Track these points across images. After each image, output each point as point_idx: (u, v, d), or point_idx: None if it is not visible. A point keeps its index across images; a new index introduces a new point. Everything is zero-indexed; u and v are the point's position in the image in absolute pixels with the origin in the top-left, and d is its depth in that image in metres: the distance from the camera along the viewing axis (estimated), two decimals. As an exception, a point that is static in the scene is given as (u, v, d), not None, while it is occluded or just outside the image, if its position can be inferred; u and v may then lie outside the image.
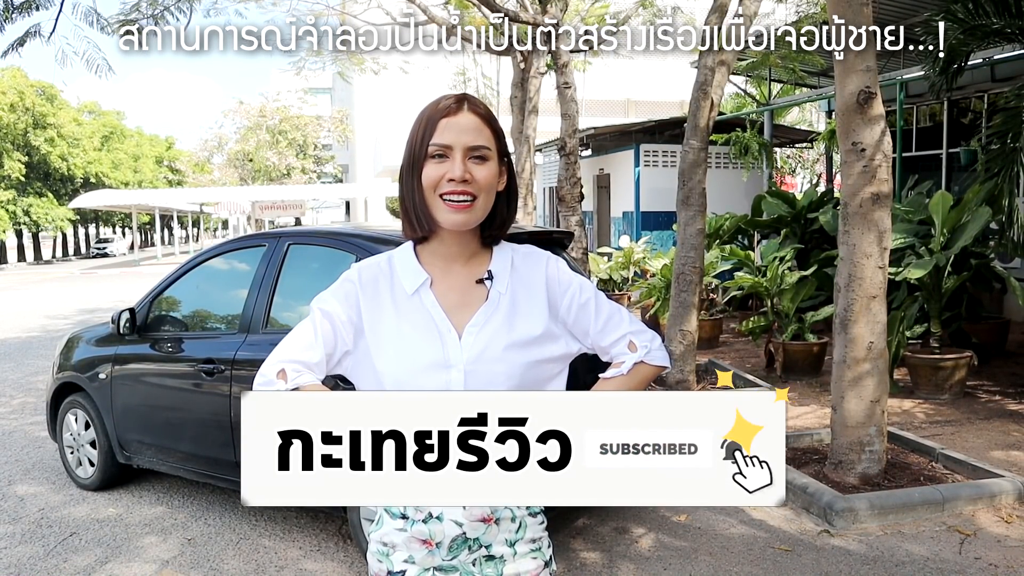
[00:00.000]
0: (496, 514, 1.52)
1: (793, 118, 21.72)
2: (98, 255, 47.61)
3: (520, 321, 1.54)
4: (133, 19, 9.59)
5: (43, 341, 11.67)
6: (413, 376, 1.47)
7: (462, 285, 1.55)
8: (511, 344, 1.52)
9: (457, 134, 1.47)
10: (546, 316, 1.57)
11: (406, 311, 1.51)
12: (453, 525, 1.50)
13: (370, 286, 1.53)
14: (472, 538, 1.51)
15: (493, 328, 1.52)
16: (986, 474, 4.50)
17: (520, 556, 1.55)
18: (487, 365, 1.49)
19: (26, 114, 37.74)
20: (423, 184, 1.48)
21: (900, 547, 3.83)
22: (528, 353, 1.53)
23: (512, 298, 1.55)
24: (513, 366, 1.51)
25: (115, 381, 4.74)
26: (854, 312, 4.49)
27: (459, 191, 1.46)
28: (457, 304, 1.53)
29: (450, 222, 1.48)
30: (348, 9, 14.03)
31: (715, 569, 3.66)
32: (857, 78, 4.36)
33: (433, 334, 1.49)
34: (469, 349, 1.49)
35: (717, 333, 9.42)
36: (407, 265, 1.55)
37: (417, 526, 1.51)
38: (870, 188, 4.39)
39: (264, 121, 42.43)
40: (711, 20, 6.68)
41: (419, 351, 1.49)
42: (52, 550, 4.13)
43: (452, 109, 1.49)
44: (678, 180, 6.87)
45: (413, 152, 1.50)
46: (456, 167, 1.46)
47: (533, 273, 1.59)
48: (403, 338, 1.49)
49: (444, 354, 1.48)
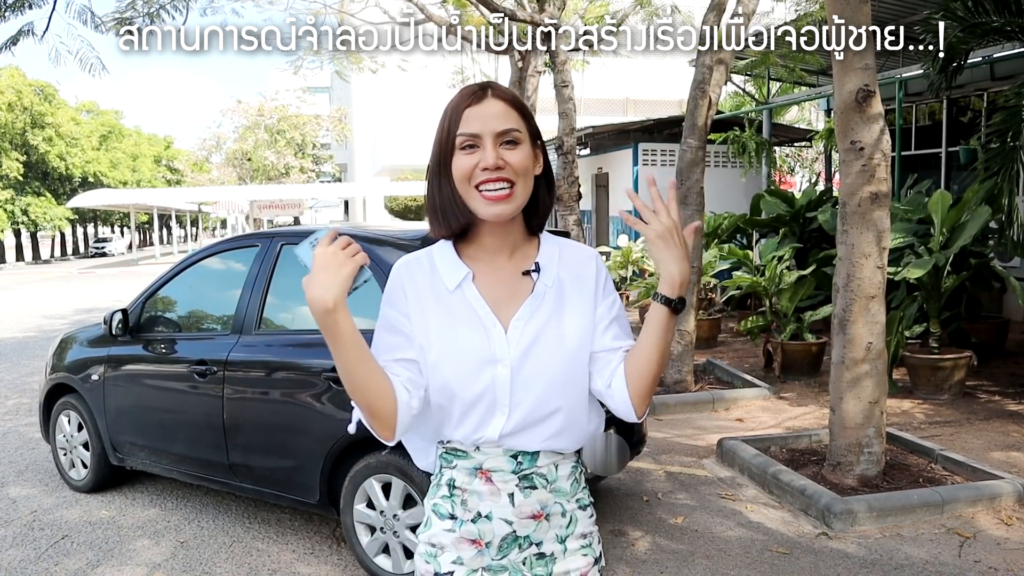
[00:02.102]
0: (546, 510, 1.49)
1: (792, 117, 21.68)
2: (96, 254, 47.56)
3: (567, 315, 1.50)
4: (128, 17, 9.54)
5: (39, 341, 11.63)
6: (463, 371, 1.44)
7: (508, 278, 1.50)
8: (558, 338, 1.48)
9: (484, 121, 1.42)
10: (592, 313, 1.52)
11: (449, 307, 1.48)
12: (503, 524, 1.47)
13: (411, 282, 1.50)
14: (522, 536, 1.48)
15: (539, 321, 1.48)
16: (986, 475, 4.46)
17: (570, 553, 1.53)
18: (534, 359, 1.46)
19: (24, 113, 37.70)
20: (454, 177, 1.44)
21: (899, 550, 3.79)
22: (574, 348, 1.49)
23: (559, 291, 1.51)
24: (559, 361, 1.47)
25: (108, 382, 4.70)
26: (853, 312, 4.46)
27: (495, 179, 1.42)
28: (504, 297, 1.49)
29: (490, 213, 1.43)
30: (346, 8, 13.99)
31: (712, 572, 3.62)
32: (856, 76, 4.32)
33: (478, 328, 1.46)
34: (516, 343, 1.45)
35: (715, 333, 9.39)
36: (447, 260, 1.51)
37: (466, 526, 1.48)
38: (869, 187, 4.36)
39: (262, 120, 42.36)
40: (709, 19, 6.64)
41: (464, 346, 1.45)
42: (43, 553, 4.09)
43: (476, 97, 1.44)
44: (676, 179, 6.83)
45: (440, 147, 1.46)
46: (488, 154, 1.42)
47: (582, 268, 1.54)
48: (447, 333, 1.46)
49: (490, 349, 1.45)
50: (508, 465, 1.47)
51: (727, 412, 6.42)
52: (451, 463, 1.50)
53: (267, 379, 3.94)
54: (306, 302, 1.40)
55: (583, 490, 1.57)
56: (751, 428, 5.93)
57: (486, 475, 1.47)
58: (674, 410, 6.35)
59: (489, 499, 1.47)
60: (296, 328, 4.00)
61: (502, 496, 1.47)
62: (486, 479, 1.47)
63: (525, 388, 1.45)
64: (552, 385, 1.47)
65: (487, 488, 1.47)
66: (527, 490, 1.47)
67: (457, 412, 1.46)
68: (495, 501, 1.47)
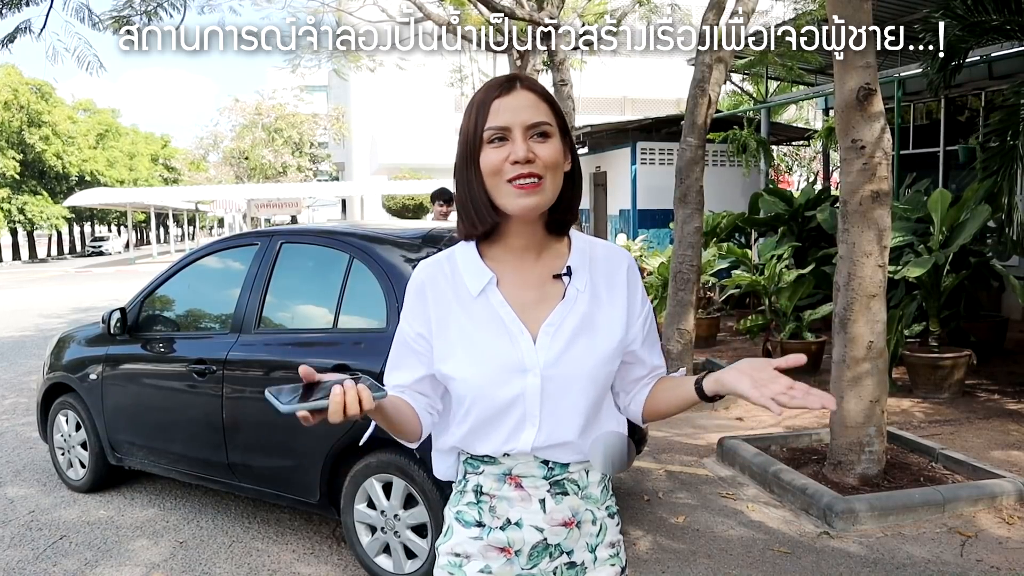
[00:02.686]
0: (578, 516, 1.45)
1: (789, 116, 21.68)
2: (93, 253, 47.52)
3: (600, 322, 1.44)
4: (126, 15, 9.51)
5: (36, 341, 11.59)
6: (488, 381, 1.38)
7: (537, 281, 1.43)
8: (590, 347, 1.42)
9: (513, 113, 1.36)
10: (625, 322, 1.47)
11: (473, 313, 1.41)
12: (533, 531, 1.42)
13: (432, 288, 1.44)
14: (553, 544, 1.44)
15: (571, 328, 1.41)
16: (986, 474, 4.46)
17: (600, 563, 1.49)
18: (565, 369, 1.39)
19: (21, 112, 37.66)
20: (483, 172, 1.37)
21: (901, 549, 3.79)
22: (606, 358, 1.43)
23: (592, 297, 1.44)
24: (592, 371, 1.41)
25: (106, 382, 4.68)
26: (854, 311, 4.45)
27: (526, 172, 1.35)
28: (531, 302, 1.42)
29: (520, 207, 1.36)
30: (345, 7, 13.96)
31: (714, 572, 3.61)
32: (857, 75, 4.31)
33: (503, 336, 1.39)
34: (546, 351, 1.39)
35: (714, 331, 9.38)
36: (470, 264, 1.43)
37: (494, 534, 1.43)
38: (870, 186, 4.35)
39: (260, 119, 42.28)
40: (708, 18, 6.63)
41: (492, 354, 1.38)
42: (41, 553, 4.07)
43: (504, 89, 1.39)
44: (676, 178, 6.83)
45: (467, 142, 1.39)
46: (518, 147, 1.35)
47: (615, 274, 1.49)
48: (472, 342, 1.40)
49: (519, 357, 1.38)
50: (539, 471, 1.42)
51: (727, 411, 6.41)
52: (478, 469, 1.45)
53: (267, 378, 3.92)
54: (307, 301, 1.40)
55: (611, 497, 1.54)
56: (751, 427, 5.92)
57: (516, 481, 1.42)
58: (674, 409, 6.33)
59: (520, 505, 1.42)
60: (296, 327, 3.98)
61: (533, 502, 1.42)
62: (516, 485, 1.42)
63: (555, 398, 1.39)
64: (584, 395, 1.41)
65: (517, 494, 1.42)
66: (559, 496, 1.43)
67: (484, 425, 1.41)
68: (526, 507, 1.42)
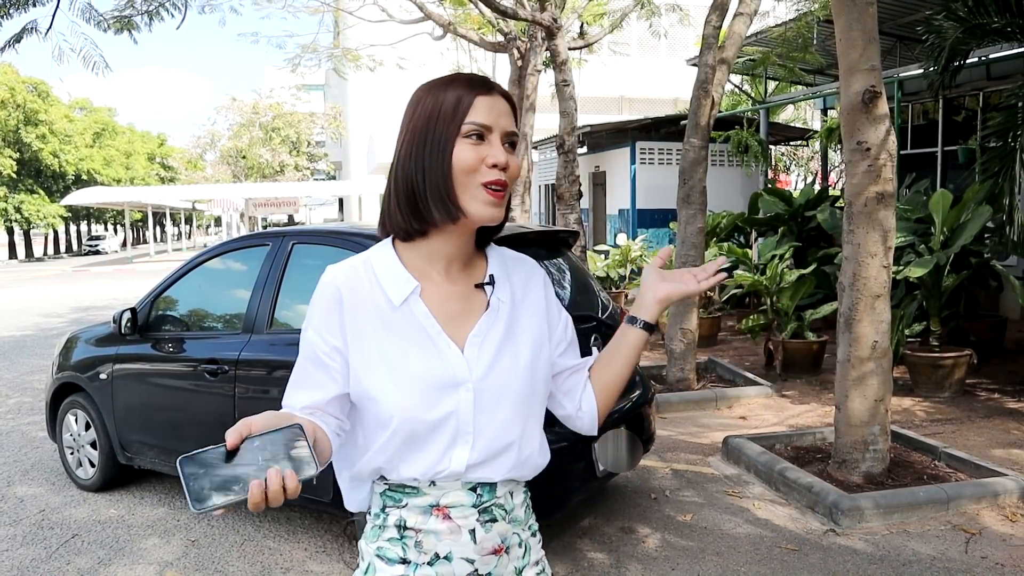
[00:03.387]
0: (506, 542, 1.39)
1: (787, 116, 21.73)
2: (90, 252, 47.45)
3: (523, 333, 1.39)
4: (128, 15, 9.52)
5: (37, 340, 11.60)
6: (418, 401, 1.28)
7: (461, 291, 1.36)
8: (516, 357, 1.36)
9: (497, 116, 1.30)
10: (546, 331, 1.44)
11: (395, 326, 1.31)
12: (464, 563, 1.34)
13: (350, 296, 1.32)
14: (484, 574, 1.36)
15: (496, 339, 1.35)
16: (989, 473, 4.50)
17: None
18: (495, 381, 1.33)
19: (17, 110, 37.57)
20: (454, 166, 1.27)
21: (906, 546, 3.83)
22: (531, 366, 1.38)
23: (512, 307, 1.40)
24: (521, 380, 1.36)
25: (116, 381, 4.71)
26: (858, 311, 4.49)
27: (501, 180, 1.29)
28: (455, 313, 1.35)
29: (489, 214, 1.29)
30: (344, 6, 13.97)
31: (723, 569, 3.65)
32: (862, 77, 4.36)
33: (430, 350, 1.30)
34: (476, 364, 1.32)
35: (715, 331, 9.43)
36: (390, 270, 1.34)
37: (422, 570, 1.33)
38: (875, 187, 4.39)
39: (257, 118, 42.25)
40: (712, 19, 6.67)
41: (420, 371, 1.29)
42: (54, 552, 4.10)
43: (486, 89, 1.31)
44: (679, 178, 6.87)
45: (437, 127, 1.28)
46: (498, 151, 1.28)
47: (530, 284, 1.46)
48: (397, 358, 1.29)
49: (450, 371, 1.30)
50: (468, 499, 1.34)
51: (730, 410, 6.46)
52: (400, 502, 1.34)
53: (280, 378, 3.95)
54: None
55: (532, 516, 1.49)
56: (754, 426, 5.97)
57: (444, 512, 1.33)
58: (678, 408, 6.39)
59: (448, 538, 1.33)
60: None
61: (463, 534, 1.33)
62: (444, 516, 1.33)
63: (488, 412, 1.32)
64: (515, 407, 1.35)
65: (446, 526, 1.33)
66: (488, 524, 1.36)
67: (412, 447, 1.30)
68: (455, 540, 1.33)
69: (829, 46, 11.92)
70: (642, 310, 1.46)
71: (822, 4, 10.13)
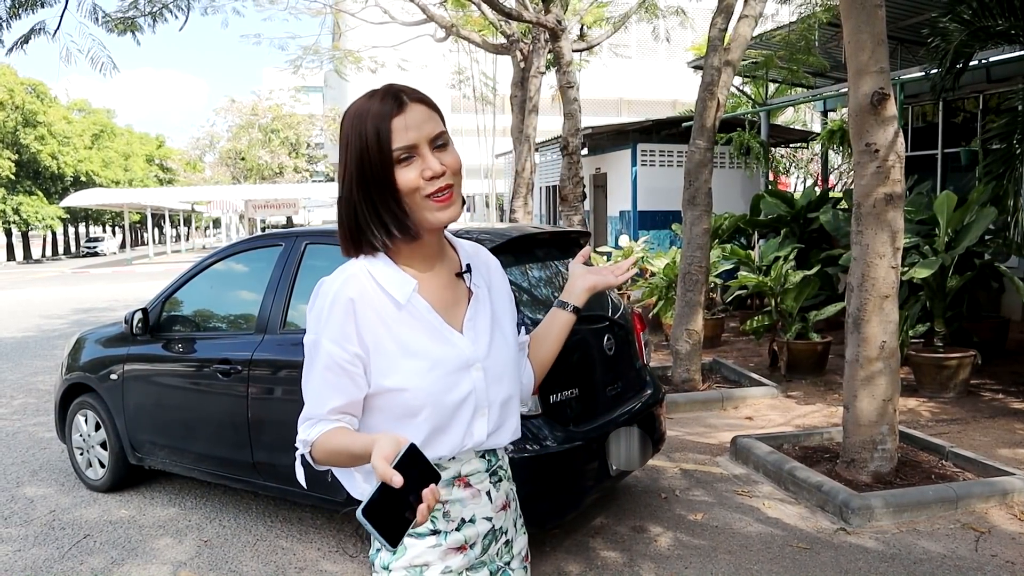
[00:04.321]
0: (510, 497, 1.58)
1: (786, 118, 21.78)
2: (88, 254, 47.39)
3: (502, 313, 1.58)
4: (131, 17, 9.53)
5: (39, 341, 11.61)
6: (441, 386, 1.41)
7: (447, 281, 1.51)
8: (503, 336, 1.55)
9: (417, 130, 1.38)
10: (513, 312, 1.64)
11: (403, 322, 1.42)
12: (485, 522, 1.50)
13: (363, 304, 1.40)
14: (498, 528, 1.54)
15: (486, 322, 1.52)
16: (996, 472, 4.53)
17: (519, 532, 1.62)
18: (496, 358, 1.50)
19: (16, 112, 37.52)
20: (401, 192, 1.38)
21: (916, 545, 3.86)
22: (514, 340, 1.59)
23: (487, 289, 1.57)
24: (511, 353, 1.55)
25: (127, 382, 4.72)
26: (867, 311, 4.52)
27: (443, 185, 1.40)
28: (449, 302, 1.49)
29: (443, 219, 1.41)
30: (346, 8, 13.99)
31: (736, 568, 3.67)
32: (871, 79, 4.38)
33: (440, 339, 1.44)
34: (478, 345, 1.48)
35: (719, 332, 9.46)
36: (389, 274, 1.44)
37: (452, 536, 1.47)
38: (883, 188, 4.42)
39: (256, 119, 42.25)
40: (717, 21, 6.70)
41: (437, 359, 1.42)
42: (67, 552, 4.11)
43: (399, 106, 1.39)
44: (684, 180, 6.90)
45: (371, 163, 1.38)
46: (432, 162, 1.39)
47: (492, 269, 1.63)
48: (414, 350, 1.41)
49: (461, 354, 1.45)
50: (482, 465, 1.51)
51: (736, 410, 6.48)
52: None
53: (293, 378, 3.96)
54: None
55: None
56: (761, 426, 5.99)
57: (464, 481, 1.48)
58: (684, 408, 6.41)
59: (472, 503, 1.49)
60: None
61: (482, 496, 1.50)
62: (465, 485, 1.48)
63: (495, 385, 1.49)
64: (511, 378, 1.54)
65: (468, 493, 1.48)
66: (497, 484, 1.54)
67: (441, 428, 1.43)
68: (477, 503, 1.49)
69: (830, 48, 11.97)
70: (571, 296, 1.68)
71: (824, 7, 10.17)
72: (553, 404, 3.49)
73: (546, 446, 3.38)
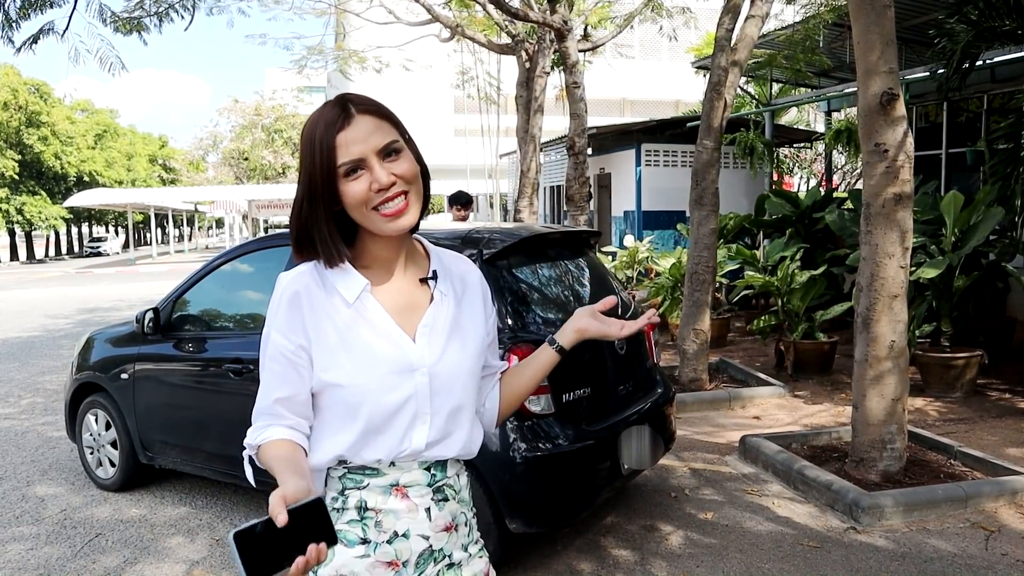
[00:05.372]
0: (456, 520, 1.51)
1: (790, 118, 21.79)
2: (91, 254, 47.46)
3: (464, 321, 1.53)
4: (137, 17, 9.56)
5: (45, 341, 11.64)
6: (379, 385, 1.39)
7: (407, 286, 1.48)
8: (462, 346, 1.50)
9: (364, 142, 1.36)
10: (483, 321, 1.58)
11: (350, 320, 1.41)
12: (420, 540, 1.44)
13: (307, 297, 1.41)
14: (437, 549, 1.47)
15: (444, 327, 1.48)
16: (1005, 471, 4.54)
17: (473, 558, 1.54)
18: (447, 366, 1.46)
19: (19, 112, 37.58)
20: (348, 206, 1.38)
21: (927, 543, 3.87)
22: (475, 353, 1.53)
23: (454, 299, 1.53)
24: (467, 365, 1.50)
25: (138, 381, 4.74)
26: (876, 311, 4.53)
27: (392, 195, 1.38)
28: (405, 306, 1.46)
29: (394, 229, 1.40)
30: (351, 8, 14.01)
31: (747, 566, 3.68)
32: (880, 80, 4.40)
33: (385, 340, 1.42)
34: (428, 351, 1.44)
35: (724, 332, 9.46)
36: (341, 272, 1.43)
37: (381, 548, 1.42)
38: (892, 188, 4.43)
39: (259, 120, 42.30)
40: (724, 21, 6.71)
41: (379, 358, 1.40)
42: (79, 551, 4.12)
43: (343, 119, 1.37)
44: (692, 180, 6.91)
45: (318, 180, 1.37)
46: (379, 174, 1.36)
47: (467, 276, 1.59)
48: (356, 347, 1.40)
49: (406, 358, 1.42)
50: (424, 478, 1.46)
51: (743, 410, 6.49)
52: (360, 483, 1.44)
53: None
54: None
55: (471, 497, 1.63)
56: (769, 426, 6.00)
57: (402, 492, 1.44)
58: (692, 408, 6.42)
59: (406, 516, 1.43)
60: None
61: (420, 512, 1.44)
62: (402, 496, 1.44)
63: (442, 394, 1.45)
64: (464, 390, 1.49)
65: (404, 505, 1.43)
66: (440, 503, 1.47)
67: (376, 430, 1.41)
68: (413, 518, 1.44)
69: (835, 48, 11.97)
70: (562, 335, 1.61)
71: (829, 7, 10.17)
72: (565, 403, 3.51)
73: (558, 445, 3.39)
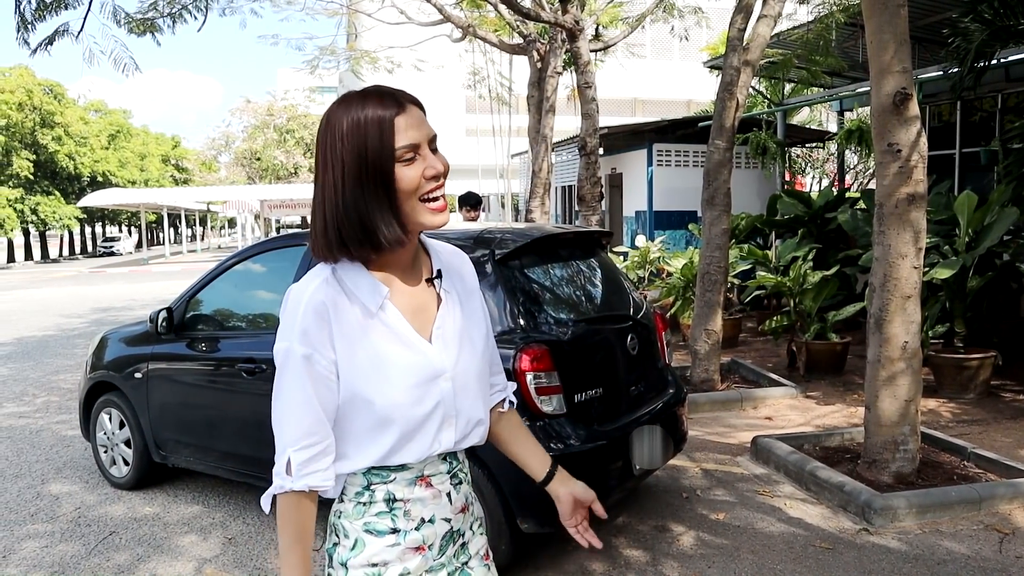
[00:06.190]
0: (468, 500, 1.58)
1: (802, 118, 21.71)
2: (105, 254, 47.78)
3: (471, 320, 1.55)
4: (151, 18, 9.61)
5: (60, 340, 11.72)
6: (411, 398, 1.40)
7: (418, 289, 1.48)
8: (472, 344, 1.52)
9: (417, 129, 1.36)
10: (484, 311, 1.61)
11: (373, 330, 1.40)
12: (443, 523, 1.50)
13: (334, 310, 1.37)
14: (456, 529, 1.54)
15: (455, 327, 1.50)
16: (1019, 473, 4.50)
17: (476, 535, 1.61)
18: (464, 366, 1.48)
19: (34, 113, 37.85)
20: (401, 192, 1.36)
21: (940, 545, 3.85)
22: (483, 348, 1.56)
23: (457, 296, 1.54)
24: (477, 362, 1.53)
25: (152, 380, 4.77)
26: (889, 312, 4.51)
27: (440, 186, 1.39)
28: (417, 308, 1.46)
29: (440, 222, 1.40)
30: (363, 8, 14.05)
31: (759, 567, 3.68)
32: (893, 79, 4.37)
33: (410, 350, 1.42)
34: (447, 355, 1.46)
35: (736, 332, 9.43)
36: (360, 280, 1.41)
37: (410, 535, 1.46)
38: (906, 188, 4.41)
39: (271, 120, 42.47)
40: (736, 21, 6.69)
41: (408, 370, 1.41)
42: (93, 549, 4.16)
43: (399, 106, 1.36)
44: (703, 180, 6.89)
45: (370, 161, 1.33)
46: (435, 161, 1.38)
47: (462, 268, 1.60)
48: (384, 361, 1.40)
49: (431, 365, 1.43)
50: (444, 467, 1.51)
51: (755, 410, 6.47)
52: (387, 478, 1.46)
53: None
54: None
55: None
56: (781, 426, 5.98)
57: (427, 481, 1.48)
58: (704, 408, 6.41)
59: (432, 503, 1.48)
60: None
61: (442, 497, 1.50)
62: (427, 485, 1.48)
63: (463, 393, 1.48)
64: (478, 382, 1.53)
65: (429, 493, 1.48)
66: (457, 486, 1.54)
67: (409, 437, 1.43)
68: (437, 503, 1.49)
69: (847, 48, 11.91)
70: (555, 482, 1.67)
71: (841, 7, 10.12)
72: (577, 403, 3.51)
73: (570, 445, 3.40)
